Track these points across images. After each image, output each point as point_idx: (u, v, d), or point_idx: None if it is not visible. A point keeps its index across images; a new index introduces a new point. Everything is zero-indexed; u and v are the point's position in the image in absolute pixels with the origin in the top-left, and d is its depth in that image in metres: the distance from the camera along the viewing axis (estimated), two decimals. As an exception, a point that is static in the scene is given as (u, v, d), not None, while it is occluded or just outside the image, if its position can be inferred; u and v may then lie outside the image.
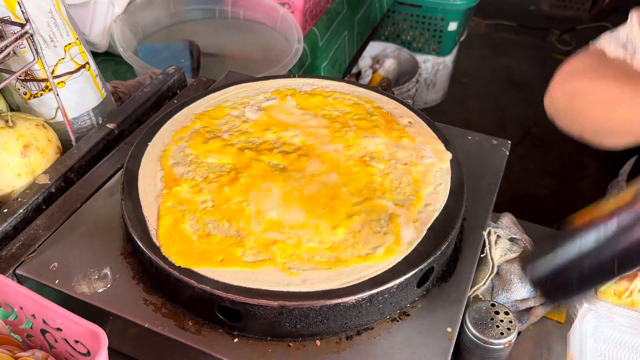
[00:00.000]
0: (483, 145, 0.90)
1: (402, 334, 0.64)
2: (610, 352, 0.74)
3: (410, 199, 0.70)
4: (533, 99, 2.87)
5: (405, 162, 0.76)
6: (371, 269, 0.62)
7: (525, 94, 2.90)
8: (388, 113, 0.84)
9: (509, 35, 3.39)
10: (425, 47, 2.45)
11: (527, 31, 3.44)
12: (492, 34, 3.42)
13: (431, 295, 0.68)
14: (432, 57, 2.53)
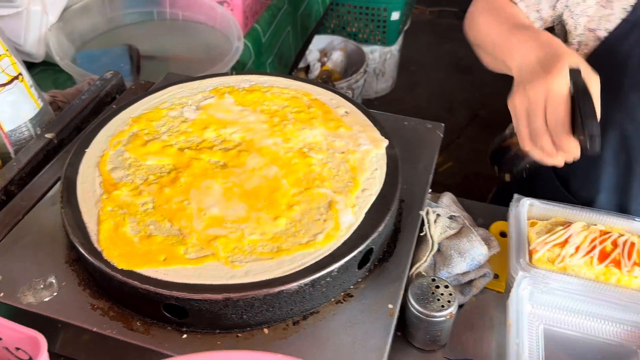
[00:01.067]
0: (418, 129, 0.93)
1: (347, 314, 0.67)
2: (546, 315, 0.78)
3: (348, 185, 0.73)
4: (479, 83, 2.95)
5: (342, 151, 0.78)
6: (312, 256, 0.64)
7: (471, 77, 2.98)
8: (325, 104, 0.86)
9: (452, 21, 3.47)
10: (370, 38, 2.49)
11: (470, 16, 3.51)
12: (436, 21, 3.49)
13: (373, 275, 0.71)
14: (379, 47, 2.57)
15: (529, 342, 0.75)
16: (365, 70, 2.30)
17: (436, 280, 0.73)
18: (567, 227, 0.83)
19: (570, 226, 0.83)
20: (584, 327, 0.77)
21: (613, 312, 0.76)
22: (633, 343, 0.76)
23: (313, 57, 2.36)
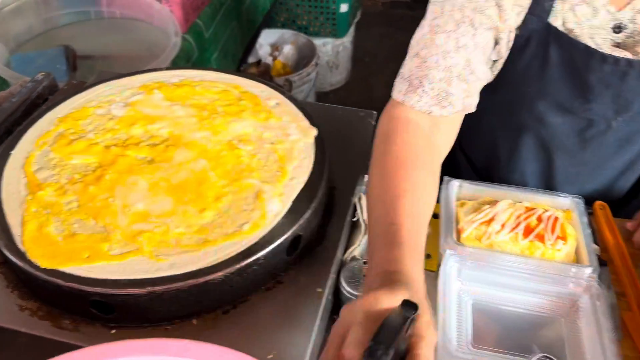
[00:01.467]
0: (351, 118, 0.95)
1: (277, 300, 0.68)
2: (475, 291, 0.81)
3: (276, 175, 0.74)
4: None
5: (272, 142, 0.79)
6: (238, 245, 0.65)
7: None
8: (256, 97, 0.87)
9: (404, 11, 3.51)
10: (321, 31, 2.50)
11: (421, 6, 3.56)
12: (389, 12, 3.53)
13: (304, 261, 0.72)
14: (331, 39, 2.59)
15: (457, 316, 0.77)
16: (316, 63, 2.31)
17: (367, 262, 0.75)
18: (494, 206, 0.86)
19: (496, 204, 0.86)
20: (512, 300, 0.81)
21: (538, 284, 0.80)
22: (557, 313, 0.80)
23: (264, 52, 2.36)
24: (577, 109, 0.88)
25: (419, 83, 0.79)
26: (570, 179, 0.98)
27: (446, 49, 0.78)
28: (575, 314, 0.79)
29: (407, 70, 0.82)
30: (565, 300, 0.80)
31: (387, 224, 0.65)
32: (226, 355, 0.47)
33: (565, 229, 0.83)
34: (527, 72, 0.87)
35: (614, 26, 0.81)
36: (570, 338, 0.77)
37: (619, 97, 0.85)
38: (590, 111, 0.88)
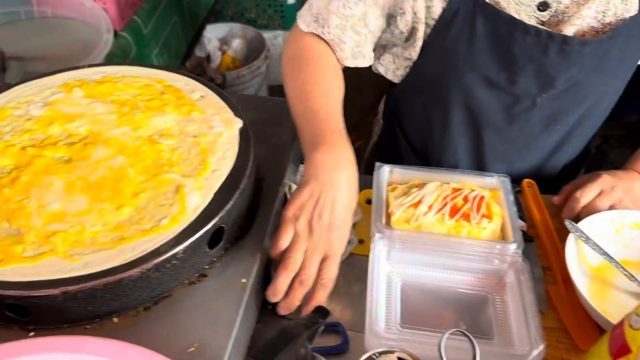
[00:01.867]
0: (280, 107, 0.95)
1: (201, 294, 0.68)
2: (404, 272, 0.82)
3: (197, 168, 0.73)
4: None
5: (194, 135, 0.78)
6: (155, 240, 0.65)
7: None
8: (180, 90, 0.86)
9: (357, 1, 3.51)
10: (270, 24, 2.48)
11: (373, -5, 3.57)
12: (341, 2, 3.52)
13: (229, 253, 0.72)
14: (281, 32, 2.57)
15: (387, 298, 0.78)
16: (266, 56, 2.29)
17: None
18: (422, 188, 0.87)
19: (424, 187, 0.87)
20: (440, 279, 0.82)
21: (465, 262, 0.81)
22: (485, 290, 0.81)
23: (213, 46, 2.33)
24: (503, 83, 0.90)
25: (323, 22, 0.88)
26: (499, 157, 1.00)
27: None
28: (502, 289, 0.80)
29: (316, 5, 0.90)
30: (491, 276, 0.81)
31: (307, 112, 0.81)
32: (123, 349, 0.46)
33: (490, 207, 0.85)
34: (455, 46, 0.89)
35: (539, 3, 0.84)
36: (497, 313, 0.78)
37: (541, 72, 0.87)
38: (516, 86, 0.90)
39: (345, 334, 0.77)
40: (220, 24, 2.43)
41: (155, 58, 1.65)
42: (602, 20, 0.84)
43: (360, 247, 0.88)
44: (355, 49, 0.91)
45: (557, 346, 0.75)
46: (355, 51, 0.91)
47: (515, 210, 0.86)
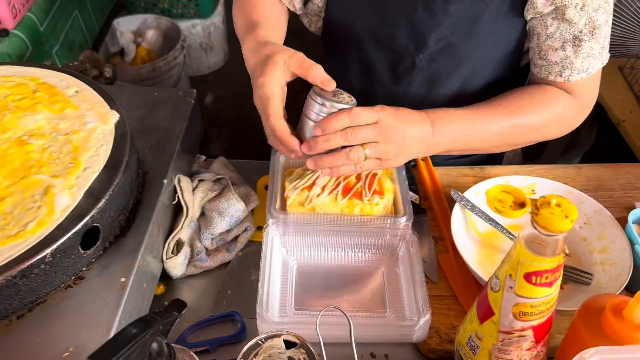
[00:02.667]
0: (170, 98, 0.92)
1: (78, 297, 0.65)
2: (300, 254, 0.82)
3: (68, 167, 0.70)
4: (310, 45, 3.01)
5: (66, 132, 0.75)
6: (21, 246, 0.62)
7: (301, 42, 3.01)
8: (54, 87, 0.82)
9: (279, -15, 3.47)
10: (185, 13, 2.42)
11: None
12: (263, -13, 3.48)
13: (108, 252, 0.70)
14: (199, 20, 2.51)
15: (282, 283, 0.78)
16: (182, 46, 2.24)
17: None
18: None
19: (318, 168, 0.87)
20: (336, 258, 0.83)
21: (359, 239, 0.82)
22: (379, 264, 0.82)
23: (126, 40, 2.25)
24: (385, 37, 0.93)
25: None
26: None
27: None
28: (394, 262, 0.82)
29: None
30: (384, 250, 0.83)
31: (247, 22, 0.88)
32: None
33: (382, 184, 0.85)
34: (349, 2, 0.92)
35: None
36: (391, 286, 0.80)
37: (414, 29, 0.90)
38: (395, 41, 0.92)
39: (243, 322, 0.76)
40: (133, 15, 2.35)
41: (57, 56, 1.57)
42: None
43: (258, 233, 0.87)
44: None
45: (447, 314, 0.76)
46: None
47: (406, 184, 0.87)
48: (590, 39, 0.84)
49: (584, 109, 0.91)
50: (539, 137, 0.90)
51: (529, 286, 0.51)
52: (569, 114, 0.90)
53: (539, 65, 0.89)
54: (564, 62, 0.86)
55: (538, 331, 0.55)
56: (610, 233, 0.81)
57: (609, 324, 0.53)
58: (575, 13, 0.82)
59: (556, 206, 0.48)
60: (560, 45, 0.85)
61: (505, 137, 0.87)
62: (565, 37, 0.84)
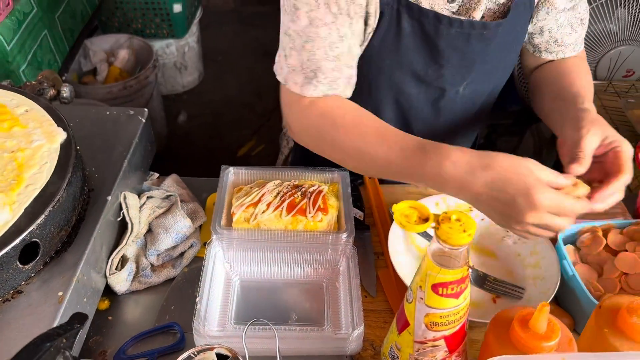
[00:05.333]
0: (120, 117, 0.95)
1: (14, 311, 0.67)
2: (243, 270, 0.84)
3: (11, 184, 0.72)
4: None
5: (12, 150, 0.77)
6: (-43, 260, 0.63)
7: (276, 60, 3.07)
8: (4, 105, 0.84)
9: (256, 7, 3.53)
10: (158, 32, 2.46)
11: (272, 1, 3.60)
12: (240, 9, 3.53)
13: (48, 267, 0.71)
14: (173, 40, 2.55)
15: (224, 297, 0.80)
16: (154, 66, 2.27)
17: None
18: (262, 187, 0.89)
19: (265, 185, 0.90)
20: (279, 273, 0.85)
21: (301, 255, 0.84)
22: (320, 279, 0.85)
23: (98, 59, 2.28)
24: (430, 77, 0.93)
25: (314, 75, 0.84)
26: None
27: (331, 41, 0.83)
28: (335, 277, 0.84)
29: (297, 62, 0.85)
30: (326, 265, 0.85)
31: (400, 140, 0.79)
32: None
33: (327, 201, 0.88)
34: (384, 45, 0.89)
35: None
36: (330, 300, 0.82)
37: (464, 60, 0.92)
38: (442, 79, 0.94)
39: (182, 333, 0.78)
40: (106, 35, 2.39)
41: (25, 74, 1.59)
42: (497, 2, 0.89)
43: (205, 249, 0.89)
44: (351, 79, 0.88)
45: (383, 327, 0.79)
46: (352, 82, 0.89)
47: (350, 201, 0.90)
48: (586, 14, 0.99)
49: None
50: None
51: (436, 297, 0.54)
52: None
53: (556, 51, 1.00)
54: (577, 40, 1.00)
55: (450, 341, 0.57)
56: (542, 249, 0.84)
57: (516, 335, 0.55)
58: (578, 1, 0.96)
59: (456, 221, 0.51)
60: (571, 29, 0.98)
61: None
62: (573, 22, 0.98)
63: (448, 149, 0.73)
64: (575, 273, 0.76)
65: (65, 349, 0.49)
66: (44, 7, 1.71)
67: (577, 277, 0.76)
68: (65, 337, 0.48)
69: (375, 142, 0.80)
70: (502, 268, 0.87)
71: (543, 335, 0.54)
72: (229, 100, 2.91)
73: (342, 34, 0.83)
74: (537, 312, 0.54)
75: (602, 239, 0.81)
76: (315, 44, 0.83)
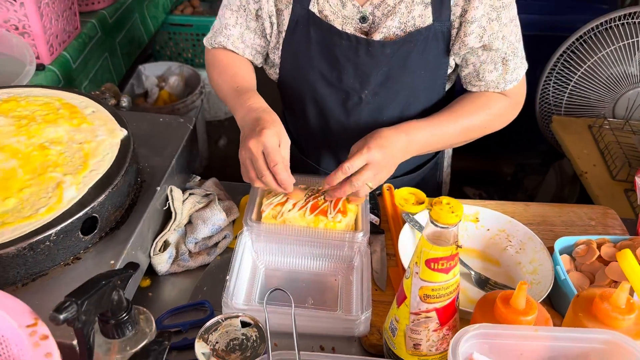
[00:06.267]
0: (171, 123, 1.08)
1: (73, 273, 0.79)
2: (268, 259, 0.95)
3: (78, 168, 0.86)
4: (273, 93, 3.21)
5: (80, 142, 0.91)
6: (32, 225, 0.76)
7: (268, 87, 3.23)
8: (75, 106, 0.99)
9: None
10: (206, 62, 2.65)
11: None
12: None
13: (103, 241, 0.84)
14: (219, 70, 2.74)
15: (250, 280, 0.91)
16: (201, 92, 2.45)
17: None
18: (289, 190, 1.01)
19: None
20: (299, 264, 0.95)
21: (321, 250, 0.95)
22: (336, 272, 0.94)
23: (150, 83, 2.48)
24: (334, 80, 1.11)
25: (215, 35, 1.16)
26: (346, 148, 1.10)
27: (228, 22, 1.12)
28: (349, 271, 0.94)
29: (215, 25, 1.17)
30: (342, 261, 0.95)
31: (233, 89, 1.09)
32: None
33: (346, 205, 0.99)
34: (299, 49, 1.10)
35: (360, 18, 1.06)
36: (344, 290, 0.91)
37: (358, 70, 1.08)
38: (343, 83, 1.10)
39: (212, 309, 0.89)
40: (159, 62, 2.59)
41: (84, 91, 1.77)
42: (404, 29, 1.05)
43: (235, 241, 1.00)
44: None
45: (389, 316, 0.87)
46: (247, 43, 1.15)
47: (368, 207, 1.00)
48: (514, 57, 1.06)
49: (518, 105, 1.13)
50: (486, 132, 1.11)
51: (429, 271, 0.63)
52: (507, 112, 1.12)
53: (478, 85, 1.10)
54: (499, 79, 1.08)
55: (441, 314, 0.66)
56: (540, 257, 0.92)
57: (498, 310, 0.64)
58: (499, 43, 1.04)
59: (446, 204, 0.60)
60: (493, 67, 1.07)
61: (462, 135, 1.08)
62: (495, 60, 1.06)
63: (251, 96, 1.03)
64: (567, 277, 0.84)
65: (119, 288, 0.60)
66: (107, 32, 1.90)
67: (568, 281, 0.83)
68: (120, 279, 0.60)
69: (227, 80, 1.11)
70: (504, 274, 0.95)
71: (521, 311, 0.63)
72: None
73: (238, 22, 1.12)
74: (517, 290, 0.63)
75: (595, 250, 0.89)
76: (222, 21, 1.14)
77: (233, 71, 1.13)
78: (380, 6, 1.03)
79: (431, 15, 1.02)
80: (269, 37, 1.13)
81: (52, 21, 1.56)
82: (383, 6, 1.03)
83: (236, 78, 1.11)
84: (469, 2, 1.01)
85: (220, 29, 1.14)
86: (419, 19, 1.03)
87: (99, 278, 0.58)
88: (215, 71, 1.16)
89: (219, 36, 1.14)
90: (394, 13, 1.03)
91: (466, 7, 1.01)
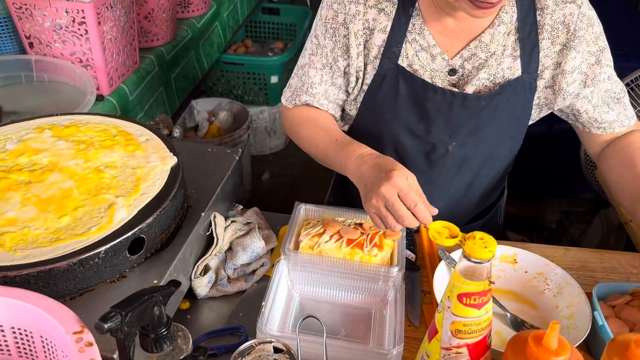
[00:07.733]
0: (218, 153, 1.14)
1: (118, 291, 0.83)
2: (303, 289, 0.97)
3: (129, 191, 0.91)
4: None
5: (133, 167, 0.96)
6: (84, 242, 0.81)
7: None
8: (130, 134, 1.05)
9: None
10: (255, 100, 2.75)
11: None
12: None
13: (148, 261, 0.88)
14: (267, 107, 2.83)
15: (285, 308, 0.92)
16: (248, 127, 2.53)
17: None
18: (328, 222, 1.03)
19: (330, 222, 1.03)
20: (334, 295, 0.96)
21: (355, 282, 0.96)
22: (370, 305, 0.95)
23: (201, 117, 2.58)
24: (422, 132, 1.12)
25: (297, 94, 1.18)
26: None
27: (313, 81, 1.14)
28: (383, 305, 0.94)
29: (294, 84, 1.19)
30: (376, 294, 0.95)
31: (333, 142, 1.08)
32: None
33: (382, 240, 1.00)
34: (384, 102, 1.12)
35: (449, 70, 1.07)
36: (377, 323, 0.92)
37: (450, 123, 1.09)
38: (431, 135, 1.11)
39: (246, 335, 0.91)
40: (210, 98, 2.70)
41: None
42: (494, 81, 1.07)
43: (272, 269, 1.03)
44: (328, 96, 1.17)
45: (422, 352, 0.87)
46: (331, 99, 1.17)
47: (404, 243, 1.01)
48: (624, 94, 1.11)
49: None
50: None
51: (461, 306, 0.64)
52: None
53: (602, 127, 1.12)
54: (620, 115, 1.11)
55: (473, 350, 0.66)
56: (578, 302, 0.90)
57: (530, 351, 0.63)
58: (608, 84, 1.08)
59: (479, 239, 0.61)
60: (609, 108, 1.10)
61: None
62: (608, 101, 1.09)
63: (357, 146, 1.03)
64: (604, 323, 0.82)
65: (161, 304, 0.64)
66: (163, 67, 2.01)
67: (606, 327, 0.81)
68: (162, 295, 0.63)
69: (322, 135, 1.11)
70: (541, 318, 0.94)
71: (554, 351, 0.62)
72: (308, 164, 3.12)
73: (323, 80, 1.14)
74: (549, 329, 0.62)
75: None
76: (304, 79, 1.15)
77: (324, 126, 1.13)
78: (471, 59, 1.06)
79: (520, 67, 1.06)
80: (350, 91, 1.15)
81: (113, 55, 1.67)
82: (474, 59, 1.06)
83: (330, 132, 1.11)
84: (564, 56, 1.04)
85: (303, 87, 1.15)
86: (507, 71, 1.06)
87: (142, 292, 0.62)
88: (302, 128, 1.16)
89: (303, 95, 1.15)
90: (486, 66, 1.05)
91: (560, 60, 1.05)
